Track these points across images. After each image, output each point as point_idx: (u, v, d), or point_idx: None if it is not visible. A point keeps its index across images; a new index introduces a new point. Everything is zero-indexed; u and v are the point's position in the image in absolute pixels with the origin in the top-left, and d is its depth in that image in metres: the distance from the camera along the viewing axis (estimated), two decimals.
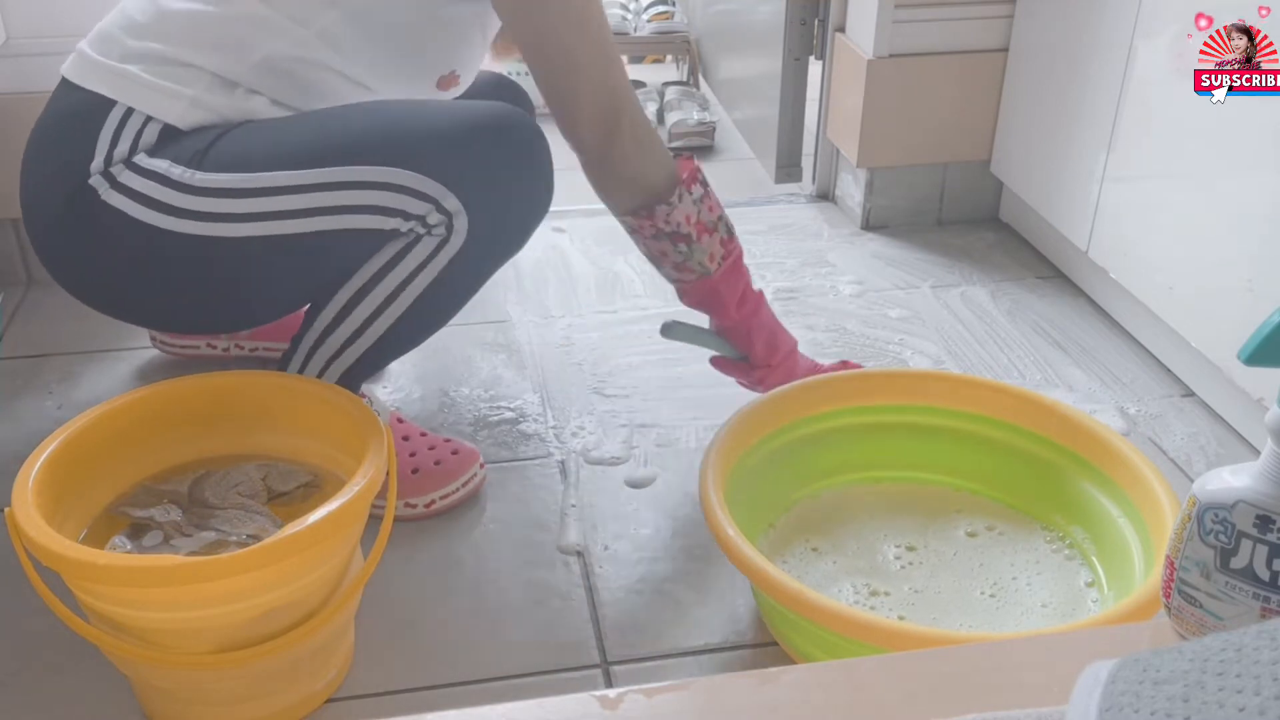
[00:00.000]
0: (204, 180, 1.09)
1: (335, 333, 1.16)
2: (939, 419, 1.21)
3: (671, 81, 2.63)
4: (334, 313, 1.15)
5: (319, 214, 1.08)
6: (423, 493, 1.23)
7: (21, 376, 1.49)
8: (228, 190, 1.08)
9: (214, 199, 1.08)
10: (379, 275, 1.13)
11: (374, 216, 1.09)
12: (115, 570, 0.86)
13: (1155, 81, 1.43)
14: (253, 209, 1.08)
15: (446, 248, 1.11)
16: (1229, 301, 1.31)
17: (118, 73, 1.12)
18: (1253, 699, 0.35)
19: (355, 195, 1.08)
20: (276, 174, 1.08)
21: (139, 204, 1.10)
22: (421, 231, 1.11)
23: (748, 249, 1.85)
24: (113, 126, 1.11)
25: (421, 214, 1.09)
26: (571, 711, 0.53)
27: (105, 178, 1.10)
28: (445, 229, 1.10)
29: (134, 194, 1.10)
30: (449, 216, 1.09)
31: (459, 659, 1.06)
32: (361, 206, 1.08)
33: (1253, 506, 0.54)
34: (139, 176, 1.10)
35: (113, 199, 1.10)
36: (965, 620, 1.05)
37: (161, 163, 1.10)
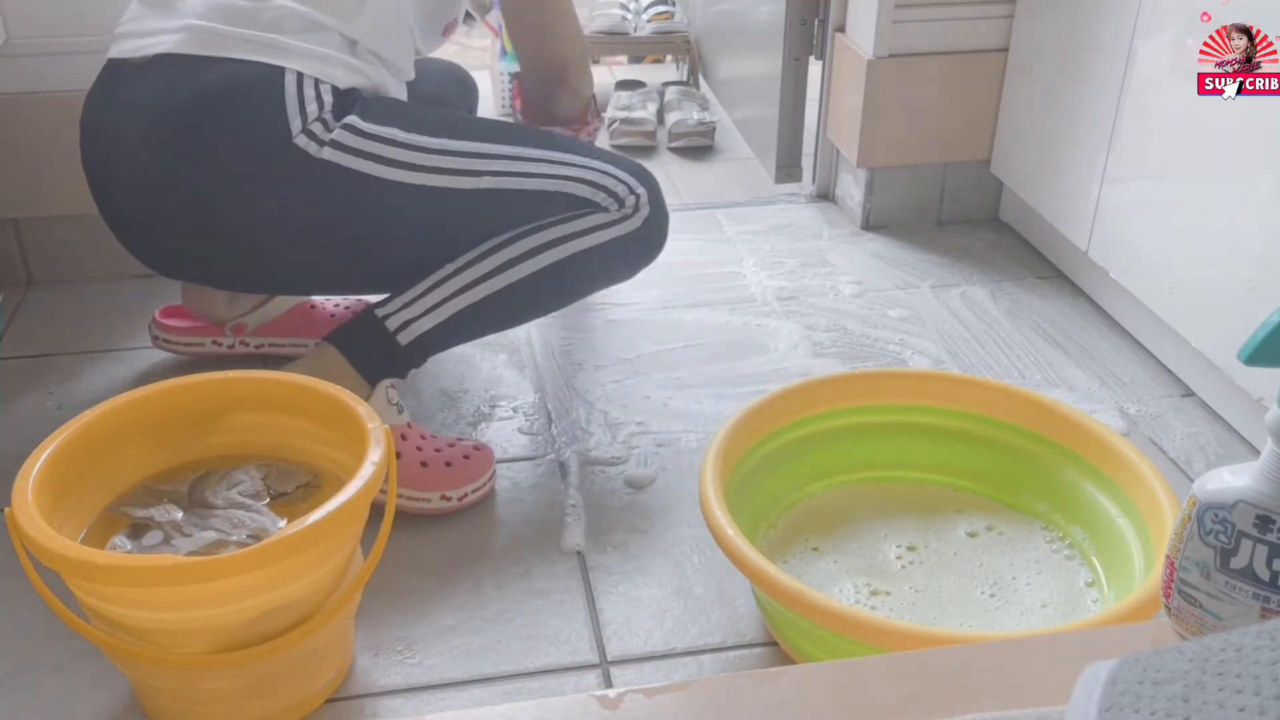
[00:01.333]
0: (438, 144, 1.23)
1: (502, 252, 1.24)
2: (939, 419, 1.21)
3: (671, 81, 2.63)
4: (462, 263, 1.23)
5: (544, 178, 1.24)
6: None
7: (21, 376, 1.49)
8: (463, 153, 1.24)
9: (450, 158, 1.23)
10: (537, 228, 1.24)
11: (588, 187, 1.25)
12: (115, 570, 0.86)
13: (1155, 81, 1.43)
14: (488, 168, 1.24)
15: (626, 223, 1.26)
16: (1229, 301, 1.31)
17: (267, 42, 1.20)
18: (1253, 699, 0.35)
19: (574, 170, 1.25)
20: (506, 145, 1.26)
21: (368, 160, 1.20)
22: (614, 207, 1.26)
23: (748, 249, 1.86)
24: (294, 90, 1.20)
25: (622, 196, 1.26)
26: (571, 711, 0.53)
27: (308, 137, 1.19)
28: (633, 210, 1.27)
29: (359, 152, 1.20)
30: (639, 204, 1.27)
31: (459, 659, 1.06)
32: (579, 178, 1.25)
33: (1253, 506, 0.54)
34: (361, 138, 1.21)
35: (332, 156, 1.20)
36: (965, 620, 1.05)
37: (386, 129, 1.22)
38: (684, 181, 2.18)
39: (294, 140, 1.19)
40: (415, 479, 1.22)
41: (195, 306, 1.48)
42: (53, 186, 1.62)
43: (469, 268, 1.24)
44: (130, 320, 1.59)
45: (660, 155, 2.31)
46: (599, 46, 2.67)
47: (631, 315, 1.65)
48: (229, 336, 1.49)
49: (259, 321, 1.48)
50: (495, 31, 2.45)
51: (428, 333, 1.24)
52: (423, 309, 1.24)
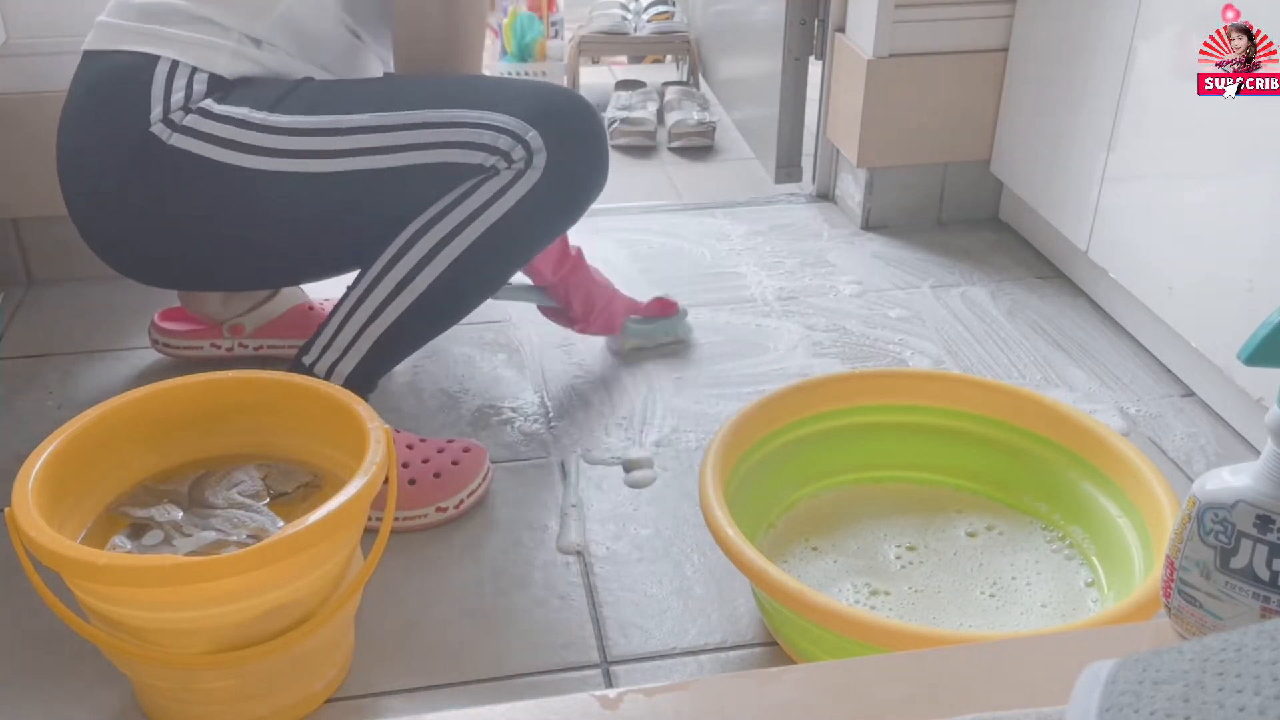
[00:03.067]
0: (290, 122, 1.14)
1: (369, 296, 1.17)
2: (939, 419, 1.21)
3: (671, 81, 2.63)
4: (378, 269, 1.17)
5: (410, 149, 1.14)
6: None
7: (21, 376, 1.49)
8: (317, 130, 1.14)
9: (303, 138, 1.14)
10: (442, 213, 1.15)
11: (463, 151, 1.14)
12: (115, 570, 0.86)
13: (1155, 81, 1.43)
14: (344, 146, 1.14)
15: (522, 181, 1.15)
16: (1229, 301, 1.31)
17: (150, 32, 1.18)
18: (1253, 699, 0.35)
19: (445, 133, 1.14)
20: (368, 115, 1.15)
21: (215, 145, 1.15)
22: (502, 166, 1.15)
23: (748, 249, 1.86)
24: (163, 78, 1.16)
25: (507, 149, 1.14)
26: (571, 711, 0.53)
27: (167, 125, 1.15)
28: (524, 163, 1.15)
29: (207, 136, 1.15)
30: (530, 153, 1.15)
31: (459, 659, 1.06)
32: (452, 142, 1.14)
33: (1253, 506, 0.54)
34: (210, 120, 1.15)
35: (181, 143, 1.15)
36: (965, 620, 1.05)
37: (238, 109, 1.15)
38: (684, 181, 2.18)
39: (150, 128, 1.15)
40: (406, 498, 1.21)
41: (191, 306, 1.48)
42: (53, 186, 1.60)
43: (372, 290, 1.17)
44: (130, 320, 1.59)
45: (660, 155, 2.31)
46: (599, 46, 2.67)
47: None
48: (227, 339, 1.48)
49: (257, 323, 1.48)
50: (495, 32, 2.46)
51: (356, 369, 1.19)
52: (342, 348, 1.18)
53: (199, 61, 1.17)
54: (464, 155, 1.14)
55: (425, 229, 1.16)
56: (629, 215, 1.93)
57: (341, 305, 1.19)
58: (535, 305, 1.48)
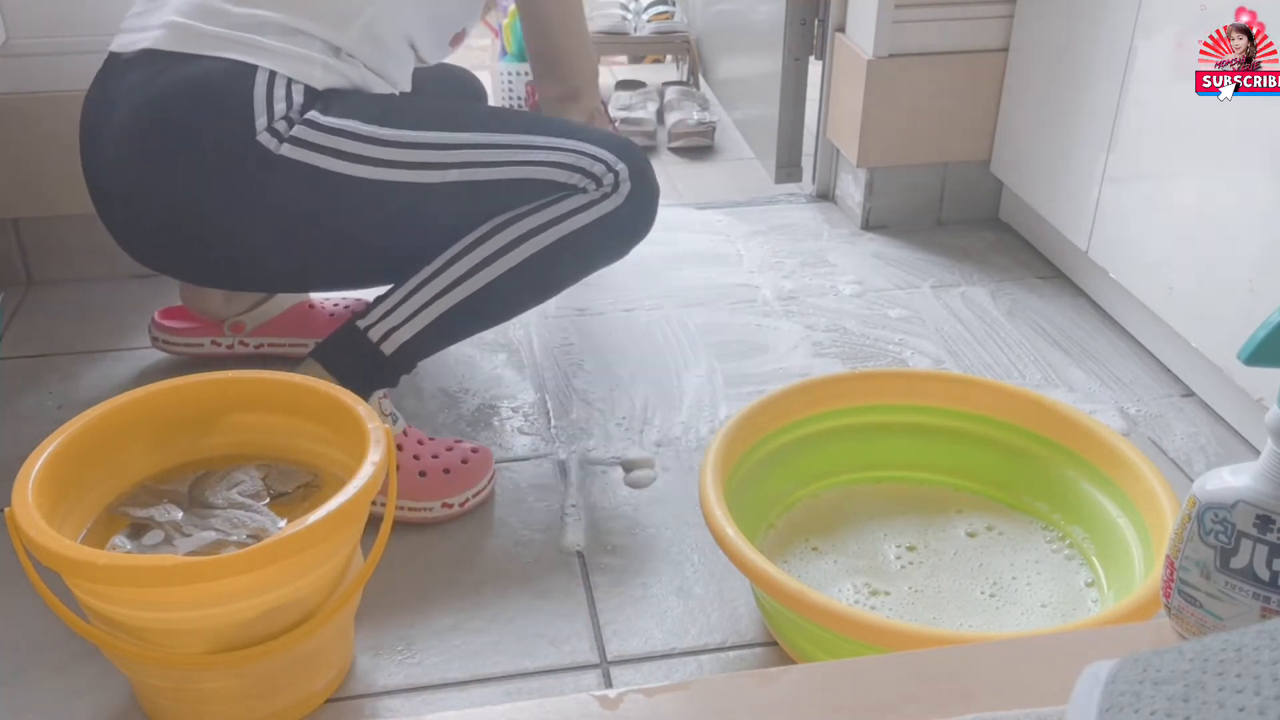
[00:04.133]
0: (398, 136, 1.20)
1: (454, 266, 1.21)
2: (939, 419, 1.21)
3: (671, 81, 2.63)
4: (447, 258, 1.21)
5: (511, 165, 1.21)
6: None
7: (21, 376, 1.49)
8: (427, 144, 1.20)
9: (413, 150, 1.20)
10: (518, 216, 1.21)
11: (560, 170, 1.21)
12: (115, 570, 0.86)
13: (1155, 81, 1.43)
14: (452, 159, 1.20)
15: (605, 203, 1.22)
16: (1229, 301, 1.31)
17: (244, 41, 1.19)
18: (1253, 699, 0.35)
19: (546, 154, 1.22)
20: (473, 134, 1.22)
21: (326, 155, 1.18)
22: (591, 188, 1.22)
23: (748, 249, 1.86)
24: (264, 88, 1.18)
25: (600, 175, 1.22)
26: (571, 711, 0.53)
27: (272, 134, 1.17)
28: (612, 189, 1.22)
29: (317, 147, 1.18)
30: (618, 181, 1.22)
31: (459, 659, 1.06)
32: (550, 162, 1.21)
33: (1253, 506, 0.54)
34: (320, 132, 1.18)
35: (291, 153, 1.17)
36: (965, 620, 1.05)
37: (348, 122, 1.19)
38: (684, 181, 2.17)
39: (256, 137, 1.17)
40: (414, 489, 1.22)
41: (193, 304, 1.48)
42: (53, 186, 1.62)
43: (447, 268, 1.21)
44: (130, 320, 1.59)
45: (660, 155, 2.31)
46: (599, 46, 2.67)
47: (632, 315, 1.64)
48: (228, 336, 1.49)
49: (257, 321, 1.48)
50: (495, 31, 2.46)
51: (412, 339, 1.22)
52: (404, 316, 1.22)
53: (295, 73, 1.19)
54: (561, 175, 1.21)
55: (510, 222, 1.21)
56: None
57: (415, 276, 1.22)
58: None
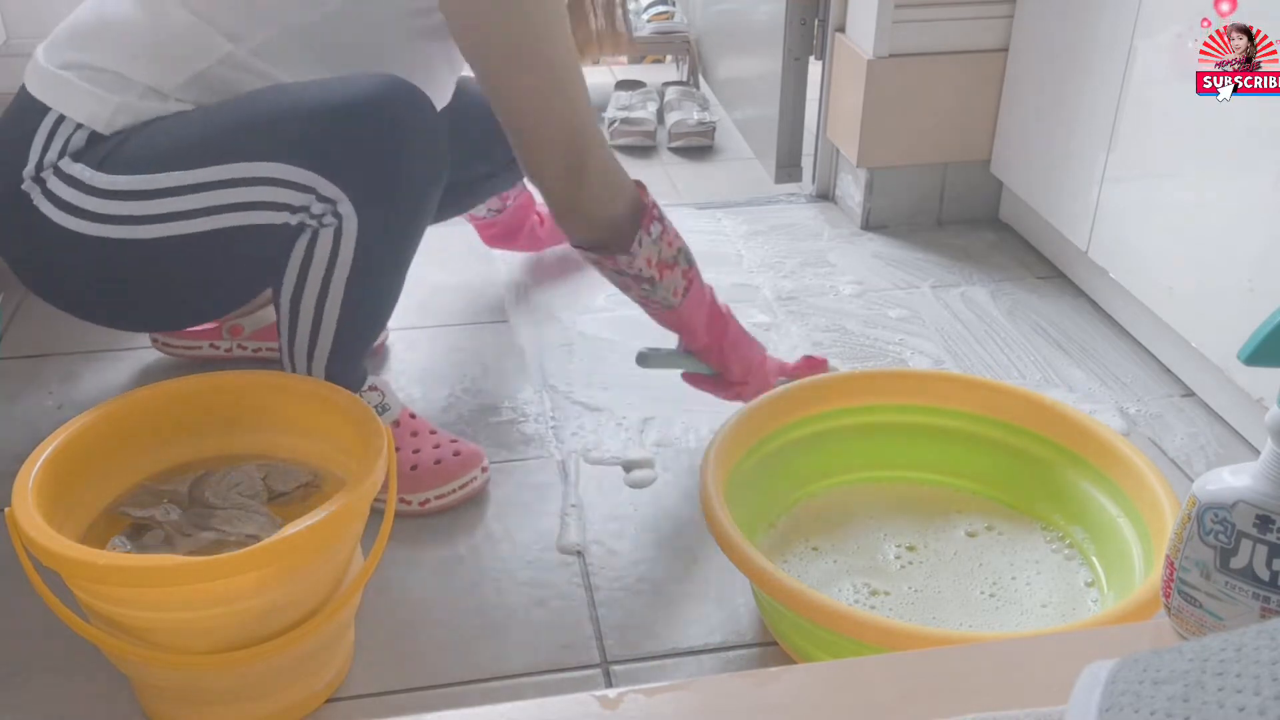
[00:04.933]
0: (109, 183, 1.09)
1: (297, 334, 1.16)
2: (939, 419, 1.21)
3: (671, 81, 2.63)
4: (285, 316, 1.16)
5: (213, 213, 1.08)
6: (418, 490, 1.23)
7: (21, 376, 1.49)
8: (130, 192, 1.09)
9: (120, 201, 1.09)
10: (302, 274, 1.13)
11: (262, 212, 1.08)
12: (115, 570, 0.86)
13: (1155, 81, 1.43)
14: (155, 210, 1.09)
15: (345, 236, 1.09)
16: (1229, 301, 1.31)
17: (56, 79, 1.13)
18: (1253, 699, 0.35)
19: (240, 193, 1.07)
20: (171, 174, 1.08)
21: (61, 210, 1.11)
22: (313, 224, 1.09)
23: (748, 249, 1.86)
24: (45, 132, 1.11)
25: (304, 205, 1.07)
26: (571, 711, 0.53)
27: (36, 183, 1.12)
28: (334, 216, 1.08)
29: (57, 200, 1.11)
30: (331, 204, 1.08)
31: (459, 659, 1.06)
32: (248, 204, 1.07)
33: (1253, 506, 0.54)
34: (61, 182, 1.11)
35: (42, 206, 1.11)
36: (965, 620, 1.05)
37: (78, 166, 1.10)
38: (684, 181, 2.17)
39: (21, 185, 1.11)
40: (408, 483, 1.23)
41: None
42: None
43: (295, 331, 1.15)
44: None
45: (660, 155, 2.31)
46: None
47: (632, 315, 1.64)
48: (226, 340, 1.49)
49: (255, 325, 1.48)
50: None
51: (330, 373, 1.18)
52: (304, 367, 1.18)
53: (82, 116, 1.11)
54: (267, 216, 1.08)
55: (297, 296, 1.13)
56: None
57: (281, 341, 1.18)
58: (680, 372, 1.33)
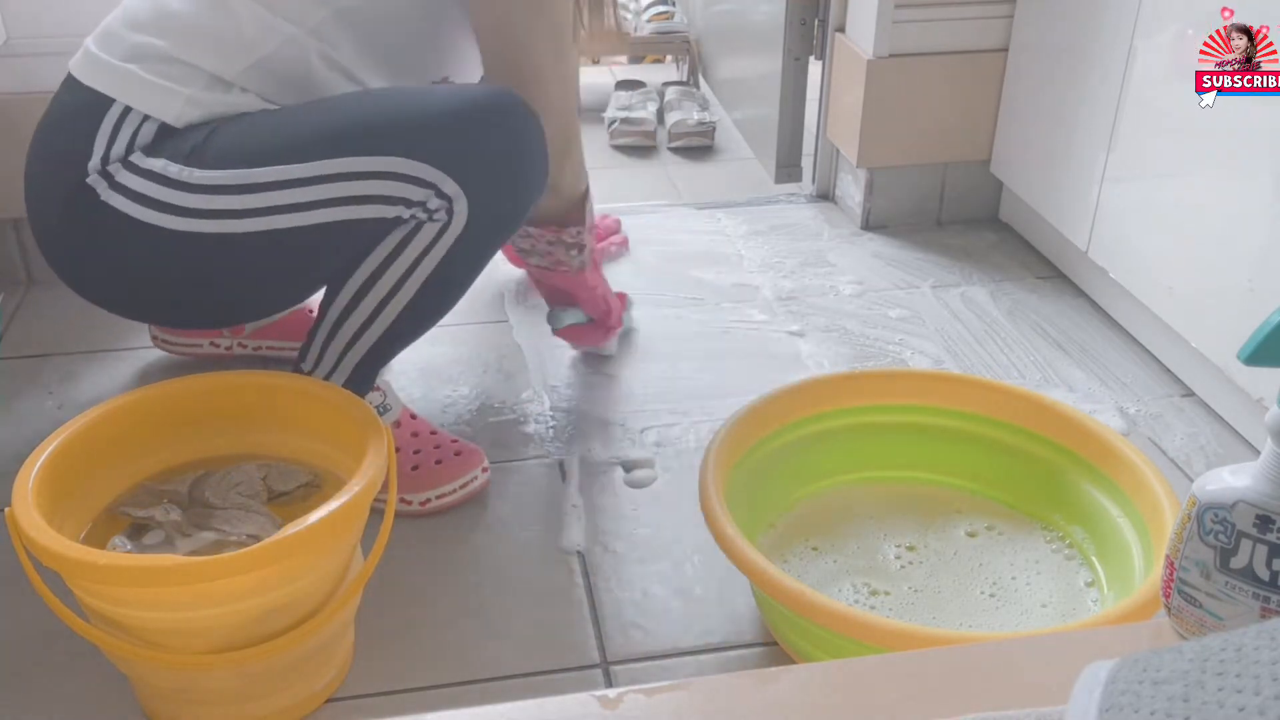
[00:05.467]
0: (202, 178, 1.09)
1: (346, 324, 1.16)
2: (939, 419, 1.21)
3: (671, 81, 2.63)
4: (344, 304, 1.16)
5: (321, 206, 1.08)
6: (419, 490, 1.23)
7: (21, 376, 1.49)
8: (227, 187, 1.08)
9: (214, 195, 1.09)
10: (385, 264, 1.13)
11: (375, 206, 1.09)
12: (115, 570, 0.86)
13: (1155, 81, 1.43)
14: (254, 204, 1.08)
15: (448, 232, 1.11)
16: (1229, 301, 1.31)
17: (117, 71, 1.12)
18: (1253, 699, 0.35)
19: (356, 186, 1.08)
20: (275, 168, 1.08)
21: (138, 204, 1.10)
22: (423, 218, 1.10)
23: (748, 249, 1.86)
24: (110, 125, 1.11)
25: (422, 200, 1.09)
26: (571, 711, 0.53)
27: (103, 177, 1.11)
28: (446, 213, 1.10)
29: (132, 194, 1.10)
30: (449, 201, 1.10)
31: (459, 659, 1.06)
32: (362, 197, 1.08)
33: (1253, 506, 0.54)
34: (137, 176, 1.10)
35: (112, 199, 1.10)
36: (965, 620, 1.05)
37: (158, 161, 1.10)
38: (684, 181, 2.18)
39: (87, 179, 1.10)
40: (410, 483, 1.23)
41: None
42: None
43: (344, 322, 1.16)
44: (130, 320, 1.59)
45: (660, 155, 2.31)
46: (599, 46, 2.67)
47: (631, 315, 1.64)
48: (227, 338, 1.49)
49: (256, 325, 1.48)
50: None
51: (349, 380, 1.19)
52: (331, 364, 1.18)
53: (151, 108, 1.11)
54: (380, 210, 1.09)
55: (371, 282, 1.14)
56: (629, 215, 1.93)
57: (319, 330, 1.18)
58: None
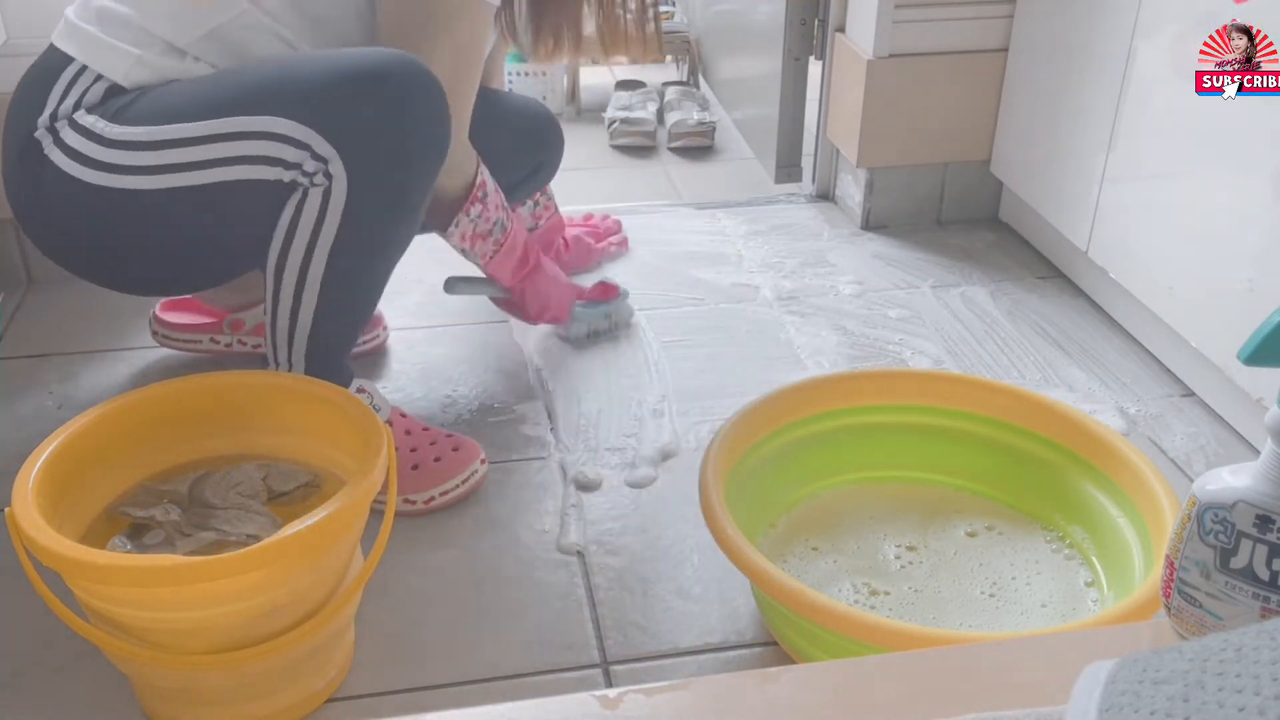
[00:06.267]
0: (119, 134, 1.12)
1: (279, 310, 1.17)
2: (939, 419, 1.21)
3: (671, 81, 2.63)
4: (271, 290, 1.17)
5: (210, 166, 1.11)
6: (422, 489, 1.23)
7: (21, 376, 1.49)
8: (137, 143, 1.11)
9: (127, 151, 1.12)
10: (287, 240, 1.14)
11: (256, 166, 1.10)
12: (115, 570, 0.86)
13: (1155, 81, 1.43)
14: (158, 161, 1.11)
15: (332, 200, 1.11)
16: (1229, 301, 1.31)
17: (81, 32, 1.16)
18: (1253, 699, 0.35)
19: (237, 146, 1.10)
20: (175, 126, 1.11)
21: (70, 159, 1.13)
22: (304, 182, 1.11)
23: (748, 249, 1.86)
24: (65, 82, 1.15)
25: (298, 161, 1.09)
26: (571, 711, 0.53)
27: (49, 132, 1.14)
28: (325, 176, 1.10)
29: (68, 149, 1.13)
30: (324, 163, 1.09)
31: (459, 659, 1.06)
32: (245, 157, 1.10)
33: (1253, 506, 0.54)
34: (74, 132, 1.13)
35: (52, 154, 1.14)
36: (965, 620, 1.05)
37: (90, 118, 1.13)
38: (684, 181, 2.18)
39: (35, 134, 1.14)
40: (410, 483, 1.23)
41: (205, 296, 1.47)
42: None
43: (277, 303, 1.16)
44: (130, 320, 1.59)
45: (660, 155, 2.31)
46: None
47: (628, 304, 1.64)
48: (226, 335, 1.49)
49: (256, 320, 1.48)
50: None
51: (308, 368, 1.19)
52: (285, 355, 1.19)
53: (102, 67, 1.14)
54: (261, 171, 1.10)
55: (283, 255, 1.14)
56: (628, 215, 1.93)
57: (268, 327, 1.19)
58: (488, 296, 1.49)
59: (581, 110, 2.56)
